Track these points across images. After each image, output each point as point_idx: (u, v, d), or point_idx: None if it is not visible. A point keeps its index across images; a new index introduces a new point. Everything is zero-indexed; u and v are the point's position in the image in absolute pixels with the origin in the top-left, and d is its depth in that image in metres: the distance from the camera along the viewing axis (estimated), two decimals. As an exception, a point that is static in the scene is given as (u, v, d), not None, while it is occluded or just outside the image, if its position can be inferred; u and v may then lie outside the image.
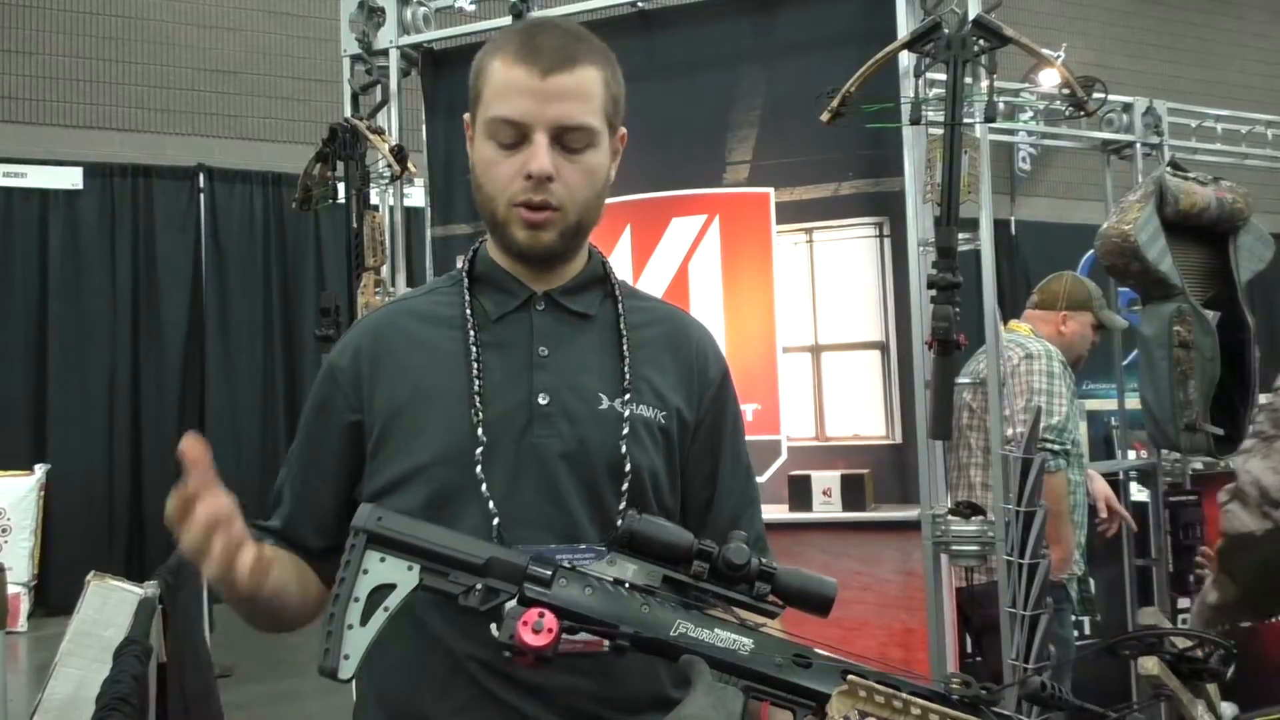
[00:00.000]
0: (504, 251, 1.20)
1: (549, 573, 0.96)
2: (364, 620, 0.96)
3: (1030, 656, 2.42)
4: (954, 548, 2.62)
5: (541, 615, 0.93)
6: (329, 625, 0.98)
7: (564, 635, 0.98)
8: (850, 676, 0.93)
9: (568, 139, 1.13)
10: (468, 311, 1.19)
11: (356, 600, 0.96)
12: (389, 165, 3.32)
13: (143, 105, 7.72)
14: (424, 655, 1.12)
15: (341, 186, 3.42)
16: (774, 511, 2.88)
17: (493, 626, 0.98)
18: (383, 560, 0.97)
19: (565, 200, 1.14)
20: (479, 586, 0.97)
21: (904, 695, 0.92)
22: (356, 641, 0.96)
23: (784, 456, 2.97)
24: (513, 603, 0.94)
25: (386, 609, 0.97)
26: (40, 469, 6.84)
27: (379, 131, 3.36)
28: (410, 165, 3.34)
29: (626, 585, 0.97)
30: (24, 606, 6.42)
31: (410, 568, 0.97)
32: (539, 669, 0.93)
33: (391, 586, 0.97)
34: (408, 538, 0.97)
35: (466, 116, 1.22)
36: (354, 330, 1.26)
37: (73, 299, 7.33)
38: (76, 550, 6.81)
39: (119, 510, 7.28)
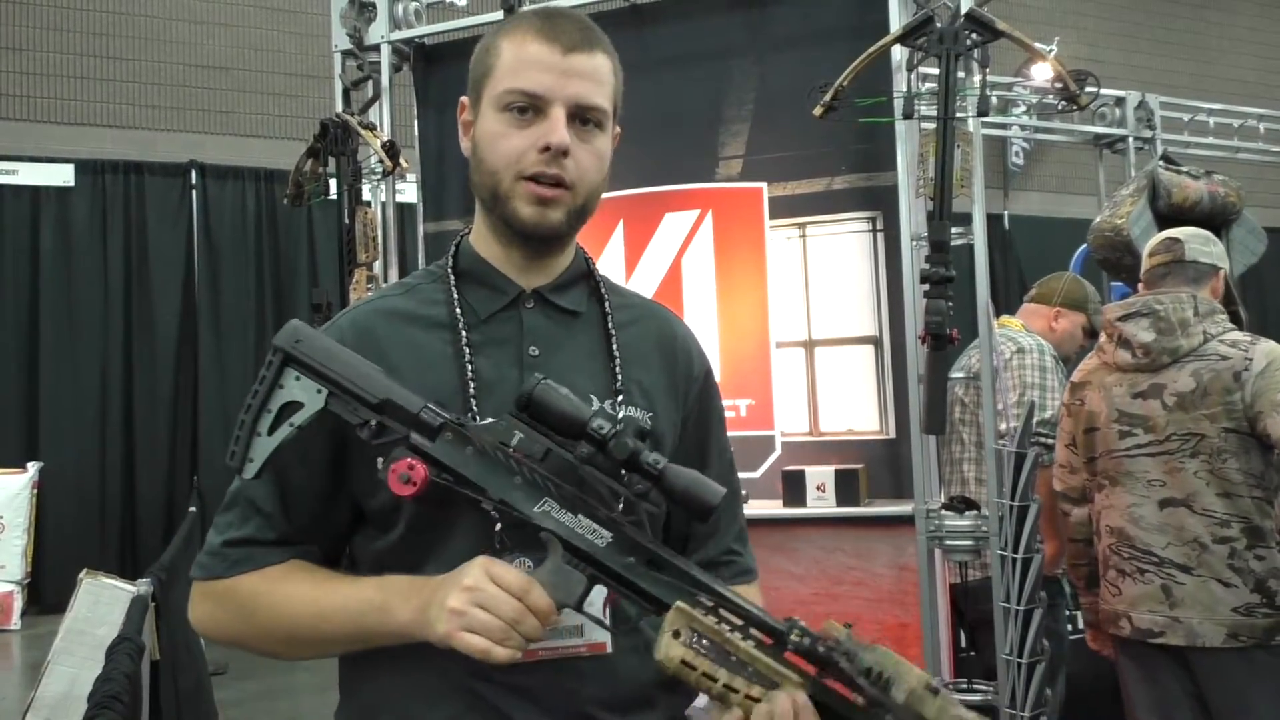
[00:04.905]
0: (505, 229, 1.15)
1: (437, 425, 1.02)
2: (271, 430, 1.04)
3: (1024, 651, 2.42)
4: (948, 542, 2.62)
5: (411, 467, 0.99)
6: (239, 430, 1.05)
7: (561, 644, 1.06)
8: (679, 603, 0.96)
9: (583, 118, 1.13)
10: (457, 311, 1.15)
11: (269, 411, 1.04)
12: (381, 161, 3.32)
13: (134, 101, 7.68)
14: (411, 664, 1.09)
15: (333, 182, 3.41)
16: (768, 507, 2.88)
17: (379, 461, 1.06)
18: (297, 379, 1.04)
19: (577, 179, 1.12)
20: (373, 422, 1.03)
21: (730, 636, 0.95)
22: (262, 448, 1.04)
23: (778, 452, 2.97)
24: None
25: (293, 425, 1.04)
26: (33, 466, 6.82)
27: (371, 127, 3.35)
28: (402, 161, 3.33)
29: (510, 451, 1.02)
30: (17, 604, 6.40)
31: (319, 391, 1.04)
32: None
33: (300, 405, 1.04)
34: (319, 364, 1.04)
35: (464, 99, 1.19)
36: (333, 326, 1.18)
37: (64, 296, 7.30)
38: (69, 548, 6.78)
39: (112, 508, 7.24)
